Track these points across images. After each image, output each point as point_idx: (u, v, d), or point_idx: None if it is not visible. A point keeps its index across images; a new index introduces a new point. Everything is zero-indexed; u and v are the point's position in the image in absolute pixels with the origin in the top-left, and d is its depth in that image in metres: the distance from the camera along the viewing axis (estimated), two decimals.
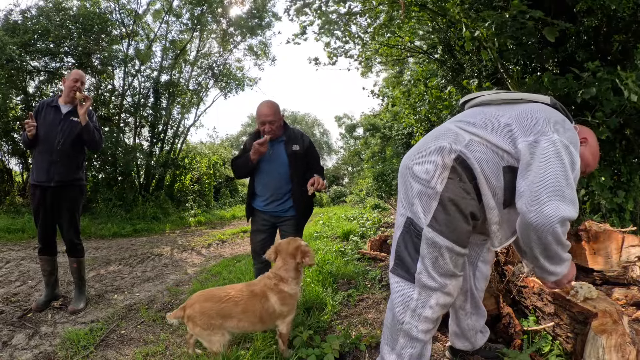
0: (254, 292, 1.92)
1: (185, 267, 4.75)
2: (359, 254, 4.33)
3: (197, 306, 1.85)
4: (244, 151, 2.62)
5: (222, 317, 1.83)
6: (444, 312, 1.53)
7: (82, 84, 2.87)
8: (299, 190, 2.48)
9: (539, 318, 2.01)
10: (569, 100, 3.55)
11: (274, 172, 2.52)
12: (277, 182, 2.53)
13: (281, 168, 2.50)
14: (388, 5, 5.15)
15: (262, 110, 2.44)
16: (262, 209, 2.61)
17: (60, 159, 2.79)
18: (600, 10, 3.41)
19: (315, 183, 2.36)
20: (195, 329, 1.84)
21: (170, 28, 11.18)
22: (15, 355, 2.17)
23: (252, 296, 1.90)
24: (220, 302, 1.85)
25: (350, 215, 9.63)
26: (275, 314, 1.91)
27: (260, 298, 1.90)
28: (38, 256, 2.94)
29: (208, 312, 1.82)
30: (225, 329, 1.85)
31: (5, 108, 8.09)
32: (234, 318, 1.85)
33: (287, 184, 2.52)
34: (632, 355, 1.45)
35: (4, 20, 8.20)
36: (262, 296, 1.90)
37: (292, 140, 2.52)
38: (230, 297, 1.87)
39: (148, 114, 10.75)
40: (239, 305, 1.86)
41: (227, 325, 1.85)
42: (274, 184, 2.53)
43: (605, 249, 2.39)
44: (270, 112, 2.41)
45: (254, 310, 1.87)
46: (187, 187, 12.29)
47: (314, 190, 2.39)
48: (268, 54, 12.94)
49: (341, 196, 24.79)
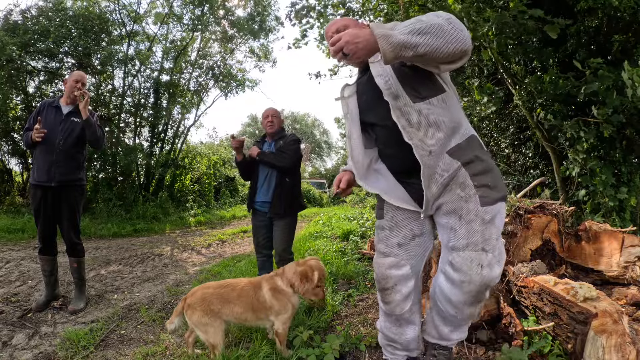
0: (251, 281, 2.07)
1: (185, 267, 4.75)
2: (359, 254, 4.33)
3: (198, 293, 1.97)
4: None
5: (221, 302, 1.93)
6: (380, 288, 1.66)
7: (82, 84, 2.88)
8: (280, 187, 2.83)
9: (539, 318, 2.00)
10: (570, 99, 3.55)
11: (264, 171, 2.92)
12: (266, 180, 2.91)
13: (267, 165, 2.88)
14: (387, 5, 5.15)
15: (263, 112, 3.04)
16: (257, 207, 2.96)
17: (61, 159, 2.79)
18: (601, 10, 3.41)
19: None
20: (193, 316, 1.89)
21: (171, 28, 11.20)
22: (15, 355, 2.17)
23: (248, 283, 2.04)
24: (220, 287, 2.00)
25: (350, 215, 9.62)
26: (266, 305, 1.96)
27: (254, 286, 2.02)
28: (38, 256, 2.95)
29: (209, 297, 1.93)
30: (222, 316, 1.92)
31: (5, 108, 8.09)
32: (231, 303, 1.94)
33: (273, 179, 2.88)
34: (632, 355, 1.45)
35: (4, 20, 8.20)
36: (257, 285, 2.02)
37: (280, 139, 2.94)
38: (229, 284, 2.03)
39: (148, 114, 10.74)
40: (236, 290, 1.98)
41: (224, 312, 1.92)
42: (265, 182, 2.91)
43: (605, 249, 2.39)
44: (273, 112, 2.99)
45: (247, 296, 1.97)
46: (187, 187, 12.29)
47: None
48: (269, 57, 12.94)
49: None
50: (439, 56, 1.24)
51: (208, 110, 14.59)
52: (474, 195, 1.38)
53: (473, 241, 1.37)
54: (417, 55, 1.22)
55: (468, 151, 1.42)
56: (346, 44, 1.25)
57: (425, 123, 1.40)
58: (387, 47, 1.19)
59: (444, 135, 1.41)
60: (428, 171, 1.43)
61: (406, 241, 1.60)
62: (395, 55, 1.21)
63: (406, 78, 1.44)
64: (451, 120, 1.44)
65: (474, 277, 1.36)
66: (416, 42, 1.19)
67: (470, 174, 1.40)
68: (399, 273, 1.59)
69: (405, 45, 1.19)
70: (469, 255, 1.37)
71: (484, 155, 1.46)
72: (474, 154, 1.43)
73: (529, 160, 5.16)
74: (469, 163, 1.41)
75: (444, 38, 1.20)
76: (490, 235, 1.37)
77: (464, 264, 1.38)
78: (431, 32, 1.19)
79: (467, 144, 1.44)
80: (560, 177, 3.99)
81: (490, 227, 1.37)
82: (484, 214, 1.37)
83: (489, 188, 1.38)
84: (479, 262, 1.36)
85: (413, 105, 1.41)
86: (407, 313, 1.64)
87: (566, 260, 2.58)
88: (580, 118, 3.49)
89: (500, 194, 1.40)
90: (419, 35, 1.19)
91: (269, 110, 2.99)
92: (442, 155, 1.41)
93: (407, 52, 1.21)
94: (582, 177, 3.49)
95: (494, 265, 1.37)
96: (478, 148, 1.47)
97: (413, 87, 1.43)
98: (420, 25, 1.20)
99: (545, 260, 2.51)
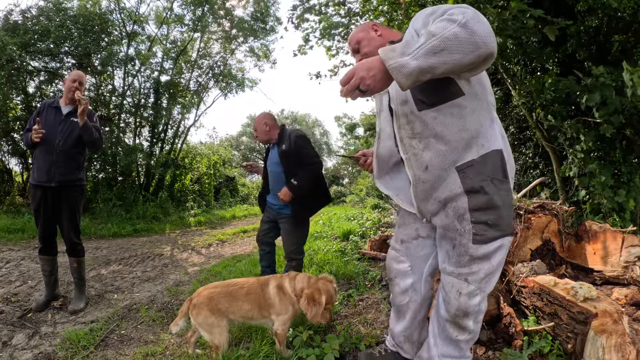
0: (259, 279, 2.09)
1: (185, 267, 4.75)
2: (359, 254, 4.32)
3: (205, 293, 1.97)
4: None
5: (229, 300, 1.94)
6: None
7: (80, 84, 2.87)
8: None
9: (539, 318, 2.00)
10: (570, 101, 3.55)
11: (272, 172, 2.90)
12: (273, 182, 2.91)
13: (276, 167, 2.84)
14: (388, 5, 5.15)
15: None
16: (268, 205, 3.02)
17: (61, 160, 2.79)
18: (601, 10, 3.41)
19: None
20: (199, 316, 1.89)
21: (171, 28, 11.20)
22: (15, 355, 2.17)
23: (256, 281, 2.06)
24: (228, 286, 2.02)
25: (350, 215, 9.63)
26: (270, 302, 1.97)
27: (262, 283, 2.04)
28: (38, 256, 2.95)
29: (216, 296, 1.94)
30: (229, 314, 1.93)
31: (6, 108, 8.09)
32: (239, 300, 1.96)
33: (281, 182, 2.80)
34: (632, 355, 1.45)
35: (4, 20, 8.20)
36: (264, 283, 2.05)
37: (282, 141, 2.82)
38: (237, 282, 2.05)
39: (148, 114, 10.75)
40: (244, 288, 2.00)
41: (232, 310, 1.93)
42: (272, 183, 2.92)
43: (605, 249, 2.39)
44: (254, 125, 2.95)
45: (255, 292, 1.99)
46: (187, 187, 12.30)
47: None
48: (269, 57, 12.95)
49: (341, 196, 24.74)
50: (460, 70, 1.11)
51: (208, 110, 14.63)
52: (469, 231, 1.34)
53: (458, 272, 1.41)
54: (436, 76, 1.11)
55: (479, 175, 1.29)
56: (361, 80, 1.14)
57: (428, 134, 1.32)
58: (401, 79, 1.09)
59: (447, 148, 1.30)
60: (422, 187, 1.40)
61: (409, 239, 1.66)
62: (412, 83, 1.11)
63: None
64: (464, 129, 1.29)
65: (452, 300, 1.43)
66: (432, 65, 1.07)
67: (470, 208, 1.31)
68: (398, 267, 1.70)
69: (421, 71, 1.08)
70: (451, 280, 1.43)
71: (495, 187, 1.30)
72: (482, 182, 1.29)
73: (529, 160, 5.17)
74: (473, 192, 1.30)
75: (461, 51, 1.06)
76: (479, 270, 1.37)
77: (447, 286, 1.46)
78: (446, 47, 1.05)
79: (482, 162, 1.29)
80: (560, 177, 3.99)
81: (481, 263, 1.36)
82: (474, 251, 1.34)
83: (486, 225, 1.32)
84: (458, 289, 1.41)
85: (418, 113, 1.33)
86: (405, 307, 1.72)
87: (566, 260, 2.58)
88: (580, 118, 3.49)
89: (499, 233, 1.32)
90: (434, 56, 1.06)
91: (256, 118, 2.94)
92: (447, 170, 1.33)
93: (425, 76, 1.09)
94: (581, 178, 3.49)
95: (474, 296, 1.40)
96: (492, 171, 1.30)
97: (422, 91, 1.31)
98: (433, 43, 1.06)
99: (545, 260, 2.51)
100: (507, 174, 1.34)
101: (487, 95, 1.35)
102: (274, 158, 2.86)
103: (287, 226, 2.85)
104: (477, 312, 1.43)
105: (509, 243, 1.38)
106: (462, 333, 1.48)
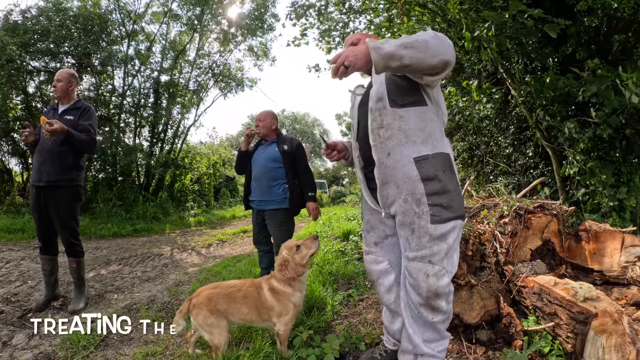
0: (254, 282, 2.11)
1: (185, 267, 4.75)
2: (359, 254, 4.32)
3: (204, 293, 1.99)
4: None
5: (228, 302, 1.95)
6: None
7: (58, 81, 2.87)
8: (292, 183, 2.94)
9: (539, 318, 2.00)
10: (569, 100, 3.55)
11: (262, 167, 2.97)
12: (267, 177, 2.95)
13: (273, 164, 2.95)
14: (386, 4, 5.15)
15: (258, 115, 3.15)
16: (252, 204, 3.09)
17: (48, 158, 2.75)
18: (601, 10, 3.40)
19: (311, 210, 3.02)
20: (199, 316, 1.91)
21: (170, 28, 11.20)
22: (15, 355, 2.17)
23: (252, 284, 2.08)
24: (227, 287, 2.04)
25: (350, 215, 9.62)
26: (268, 306, 1.97)
27: (257, 286, 2.05)
28: (39, 255, 2.95)
29: (215, 297, 1.95)
30: (228, 315, 1.94)
31: (5, 108, 8.10)
32: (237, 303, 1.97)
33: (276, 177, 2.94)
34: (632, 355, 1.45)
35: (4, 20, 8.21)
36: (258, 285, 2.06)
37: (283, 142, 3.01)
38: (235, 284, 2.08)
39: (148, 114, 10.75)
40: (242, 290, 2.02)
41: (230, 312, 1.94)
42: (265, 179, 2.95)
43: (605, 249, 2.39)
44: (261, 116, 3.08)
45: (252, 296, 2.00)
46: (187, 187, 12.29)
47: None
48: (268, 55, 12.95)
49: (341, 196, 24.74)
50: (422, 67, 1.40)
51: (208, 110, 14.59)
52: (426, 212, 1.50)
53: (421, 254, 1.53)
54: (403, 65, 1.37)
55: (433, 167, 1.52)
56: (346, 57, 1.44)
57: (395, 126, 1.56)
58: (377, 57, 1.36)
59: (407, 140, 1.55)
60: (384, 170, 1.60)
61: (381, 240, 1.81)
62: (384, 64, 1.37)
63: (392, 86, 1.60)
64: (422, 130, 1.55)
65: (422, 283, 1.53)
66: (402, 54, 1.35)
67: (427, 192, 1.51)
68: (379, 268, 1.82)
69: (392, 57, 1.35)
70: (416, 265, 1.55)
71: (447, 176, 1.53)
72: (436, 172, 1.52)
73: (529, 160, 5.16)
74: (428, 180, 1.51)
75: (427, 52, 1.36)
76: (440, 250, 1.50)
77: (413, 272, 1.56)
78: (416, 46, 1.36)
79: (435, 158, 1.54)
80: (560, 177, 3.99)
81: (440, 242, 1.50)
82: (433, 230, 1.50)
83: (442, 207, 1.50)
84: (425, 272, 1.52)
85: (389, 109, 1.58)
86: (393, 305, 1.82)
87: (566, 260, 2.57)
88: (579, 118, 3.49)
89: (453, 214, 1.51)
90: (405, 49, 1.35)
91: (259, 114, 3.09)
92: (405, 159, 1.54)
93: (394, 62, 1.36)
94: (582, 176, 3.50)
95: (442, 277, 1.52)
96: (444, 167, 1.55)
97: (396, 93, 1.58)
98: (407, 40, 1.37)
99: (545, 260, 2.50)
100: (454, 169, 1.60)
101: (442, 117, 1.67)
102: (269, 155, 2.99)
103: (273, 221, 2.94)
104: (448, 293, 1.56)
105: (461, 226, 1.57)
106: (436, 314, 1.57)
